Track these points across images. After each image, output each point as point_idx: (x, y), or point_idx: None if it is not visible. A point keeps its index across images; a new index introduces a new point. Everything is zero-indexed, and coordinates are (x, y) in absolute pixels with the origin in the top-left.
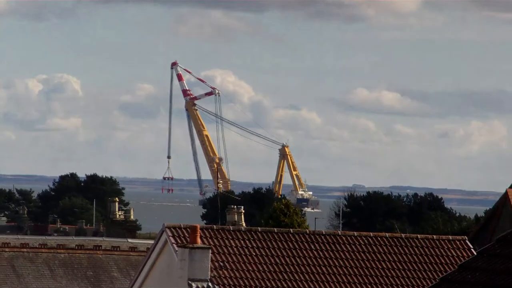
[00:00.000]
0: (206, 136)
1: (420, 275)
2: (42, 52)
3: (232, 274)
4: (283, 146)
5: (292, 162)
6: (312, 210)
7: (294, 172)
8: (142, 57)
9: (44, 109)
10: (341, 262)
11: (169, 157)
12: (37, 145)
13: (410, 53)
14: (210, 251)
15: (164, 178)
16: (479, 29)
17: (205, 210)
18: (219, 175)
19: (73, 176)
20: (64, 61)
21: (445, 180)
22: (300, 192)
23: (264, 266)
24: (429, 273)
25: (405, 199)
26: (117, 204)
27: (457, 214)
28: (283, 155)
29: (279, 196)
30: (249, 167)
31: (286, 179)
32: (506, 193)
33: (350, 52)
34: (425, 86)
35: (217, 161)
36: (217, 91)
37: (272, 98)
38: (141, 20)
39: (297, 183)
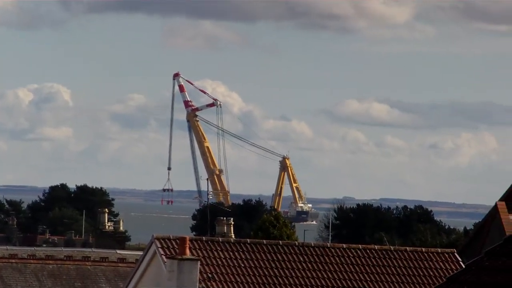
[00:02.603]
0: (207, 147)
1: None
2: (32, 61)
3: (221, 286)
4: (284, 158)
5: (292, 174)
6: (312, 223)
7: (294, 185)
8: (133, 67)
9: (35, 119)
10: (330, 274)
11: (169, 168)
12: (28, 155)
13: (401, 65)
14: (199, 262)
15: (164, 190)
16: (469, 41)
17: (195, 221)
18: (219, 187)
19: (63, 186)
20: (55, 71)
21: (434, 192)
22: (299, 205)
23: (253, 278)
24: (417, 285)
25: (394, 211)
26: (106, 215)
27: (446, 227)
28: (283, 167)
29: (272, 208)
30: (247, 178)
31: (286, 191)
32: (495, 206)
33: (341, 64)
34: (414, 98)
35: (217, 173)
36: (218, 102)
37: (263, 109)
38: (133, 30)
39: (297, 195)
